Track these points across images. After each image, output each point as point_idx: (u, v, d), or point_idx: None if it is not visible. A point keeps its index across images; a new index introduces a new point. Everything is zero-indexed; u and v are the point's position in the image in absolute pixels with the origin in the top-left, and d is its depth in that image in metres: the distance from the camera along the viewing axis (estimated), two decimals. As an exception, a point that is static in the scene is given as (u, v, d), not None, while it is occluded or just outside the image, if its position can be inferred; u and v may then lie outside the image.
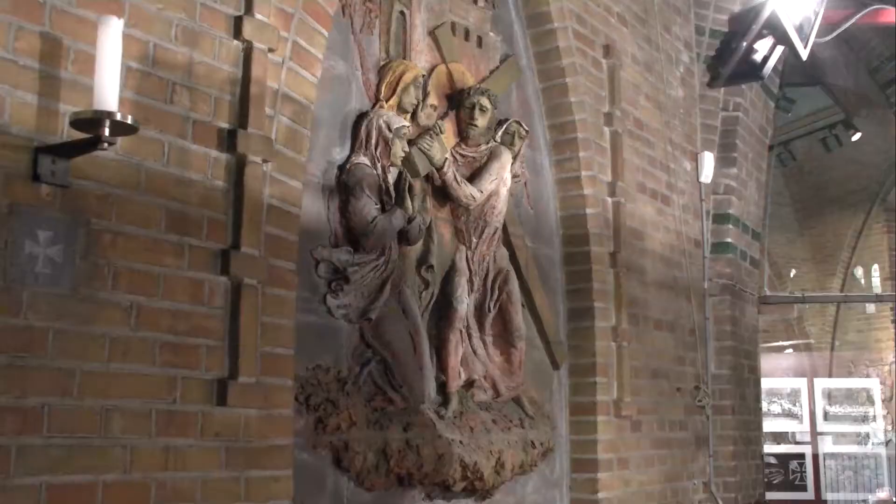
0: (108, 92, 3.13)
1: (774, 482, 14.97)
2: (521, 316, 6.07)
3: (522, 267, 6.22)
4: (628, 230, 7.07)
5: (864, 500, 14.00)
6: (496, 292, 5.95)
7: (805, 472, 15.47)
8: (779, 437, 15.83)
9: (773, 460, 15.13)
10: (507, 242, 6.16)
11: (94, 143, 3.19)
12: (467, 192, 5.71)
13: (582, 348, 6.63)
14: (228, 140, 4.06)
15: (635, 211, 7.28)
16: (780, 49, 7.05)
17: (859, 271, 20.84)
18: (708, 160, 8.41)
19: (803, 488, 15.40)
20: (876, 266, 20.26)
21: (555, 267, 6.69)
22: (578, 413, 6.61)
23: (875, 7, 7.34)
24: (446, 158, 5.62)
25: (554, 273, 6.67)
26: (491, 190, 5.85)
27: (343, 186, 5.04)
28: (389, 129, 5.16)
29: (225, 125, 4.07)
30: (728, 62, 7.23)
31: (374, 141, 5.14)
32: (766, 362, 15.68)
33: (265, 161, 4.18)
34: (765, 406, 14.95)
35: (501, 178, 5.93)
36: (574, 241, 6.72)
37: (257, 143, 4.13)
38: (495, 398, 5.93)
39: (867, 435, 15.97)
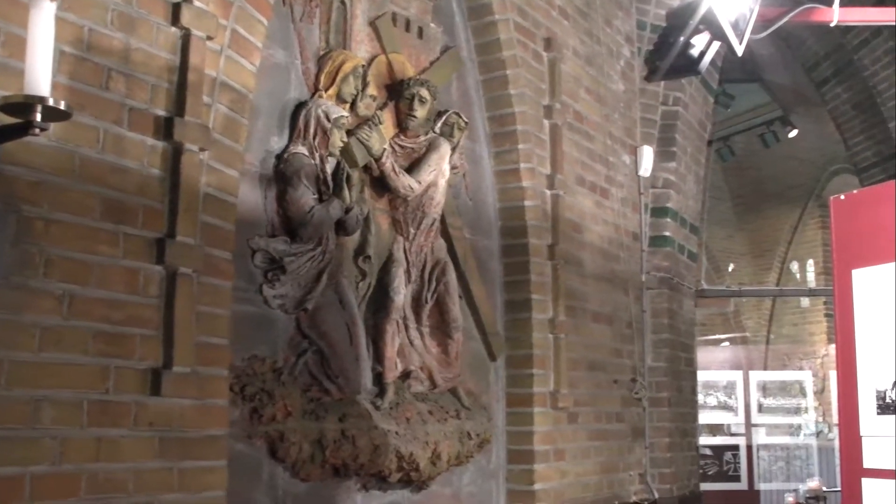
0: (40, 76, 3.07)
1: (709, 473, 15.12)
2: (458, 307, 6.07)
3: (460, 258, 6.22)
4: (567, 223, 7.09)
5: (794, 490, 14.15)
6: (433, 283, 5.95)
7: (739, 463, 15.64)
8: (715, 429, 15.99)
9: (708, 452, 15.27)
10: (446, 233, 6.15)
11: (24, 128, 3.11)
12: (406, 182, 5.69)
13: (519, 340, 6.64)
14: (165, 128, 4.02)
15: (574, 204, 7.30)
16: (716, 44, 7.09)
17: (795, 266, 21.07)
18: (647, 154, 8.46)
19: (737, 479, 15.57)
20: (811, 261, 20.49)
21: (493, 258, 6.69)
22: (515, 404, 6.62)
23: (809, 6, 7.42)
24: (385, 149, 5.60)
25: (492, 264, 6.67)
26: (429, 181, 5.84)
27: (281, 176, 5.02)
28: (328, 119, 5.14)
29: (162, 113, 4.02)
30: (666, 56, 7.26)
31: (312, 131, 5.12)
32: (703, 355, 15.83)
33: (202, 149, 4.14)
34: (701, 398, 15.08)
35: (440, 170, 5.93)
36: (512, 233, 6.73)
37: (194, 132, 4.09)
38: (432, 389, 5.93)
39: (799, 426, 16.19)
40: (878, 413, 3.98)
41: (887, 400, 3.94)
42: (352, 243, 5.49)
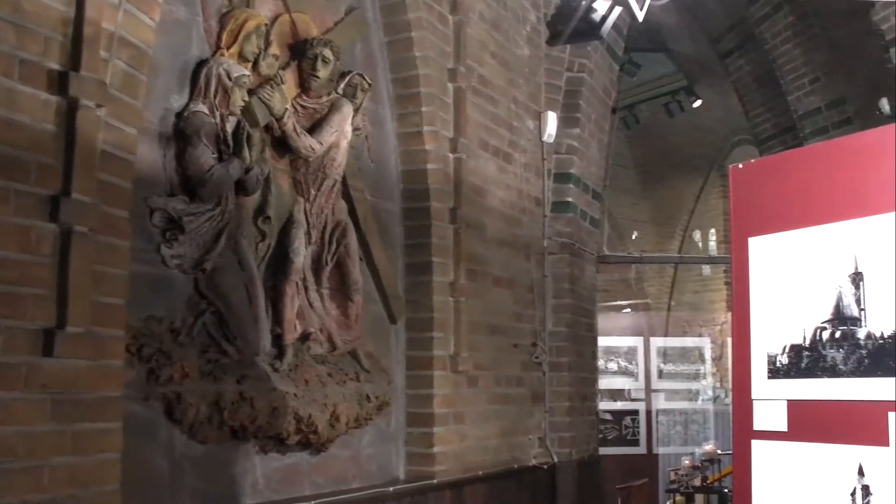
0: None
1: (609, 438, 15.33)
2: (358, 269, 6.06)
3: (361, 220, 6.21)
4: (469, 187, 7.11)
5: (691, 454, 14.41)
6: (334, 245, 5.93)
7: (638, 427, 15.89)
8: (615, 394, 16.19)
9: (608, 416, 15.49)
10: (347, 195, 6.13)
11: None
12: (307, 143, 5.66)
13: (420, 303, 6.66)
14: (60, 82, 3.90)
15: (477, 168, 7.32)
16: (617, 10, 7.15)
17: (697, 235, 21.32)
18: (551, 120, 8.50)
19: (636, 443, 15.82)
20: (713, 230, 20.75)
21: (394, 221, 6.69)
22: (415, 367, 6.65)
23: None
24: (287, 109, 5.56)
25: (393, 227, 6.67)
26: (331, 142, 5.82)
27: (180, 134, 4.94)
28: (229, 78, 5.08)
29: (56, 66, 3.90)
30: (568, 21, 7.30)
31: (213, 89, 5.05)
32: (605, 321, 15.99)
33: (99, 105, 4.04)
34: (602, 364, 15.28)
35: (342, 131, 5.90)
36: (414, 196, 6.73)
37: (91, 87, 3.98)
38: (331, 351, 5.93)
39: (697, 392, 16.47)
40: (769, 377, 4.05)
41: (778, 364, 4.01)
42: (252, 204, 5.43)
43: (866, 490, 3.64)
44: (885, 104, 10.32)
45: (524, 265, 8.06)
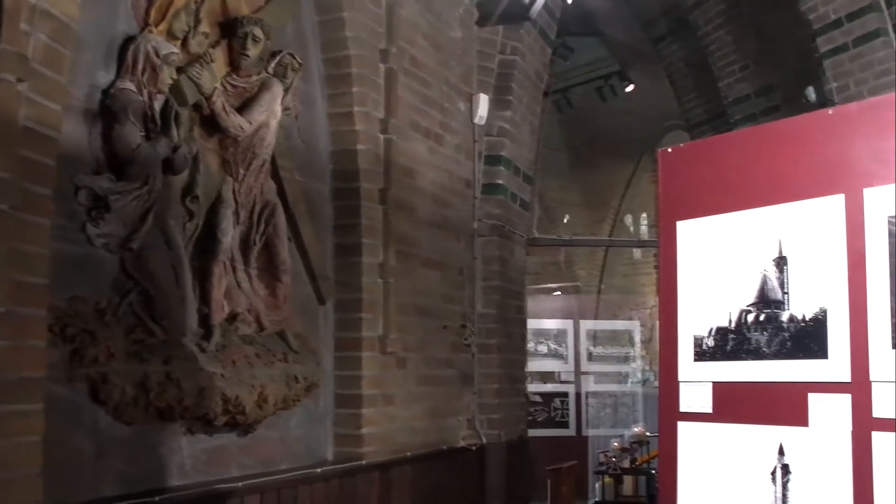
0: None
1: (539, 420, 15.42)
2: (287, 250, 6.02)
3: (290, 201, 6.17)
4: (399, 168, 7.09)
5: (620, 436, 14.54)
6: (262, 225, 5.89)
7: (568, 409, 15.99)
8: (545, 377, 16.28)
9: (537, 398, 15.57)
10: (276, 175, 6.08)
11: None
12: (236, 122, 5.61)
13: (349, 284, 6.63)
14: (-22, 56, 3.84)
15: (407, 149, 7.29)
16: (547, -9, 7.14)
17: (629, 219, 21.46)
18: (483, 102, 8.50)
19: (565, 425, 15.92)
20: (644, 214, 20.89)
21: (324, 202, 6.65)
22: (344, 349, 6.62)
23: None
24: (216, 88, 5.50)
25: (323, 208, 6.63)
26: (260, 121, 5.76)
27: (107, 112, 4.86)
28: (158, 55, 5.01)
29: (-27, 39, 3.84)
30: (498, 2, 7.31)
31: (141, 66, 4.98)
32: (535, 304, 16.08)
33: (20, 80, 3.95)
34: (532, 346, 15.35)
35: (272, 110, 5.85)
36: (344, 177, 6.69)
37: (11, 61, 3.89)
38: (259, 332, 5.89)
39: (627, 375, 16.61)
40: (695, 360, 4.09)
41: (704, 347, 4.04)
42: (180, 183, 5.35)
43: (786, 469, 3.69)
44: (811, 92, 10.47)
45: (454, 247, 8.05)
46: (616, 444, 13.32)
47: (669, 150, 4.44)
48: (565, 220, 21.04)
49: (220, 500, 5.29)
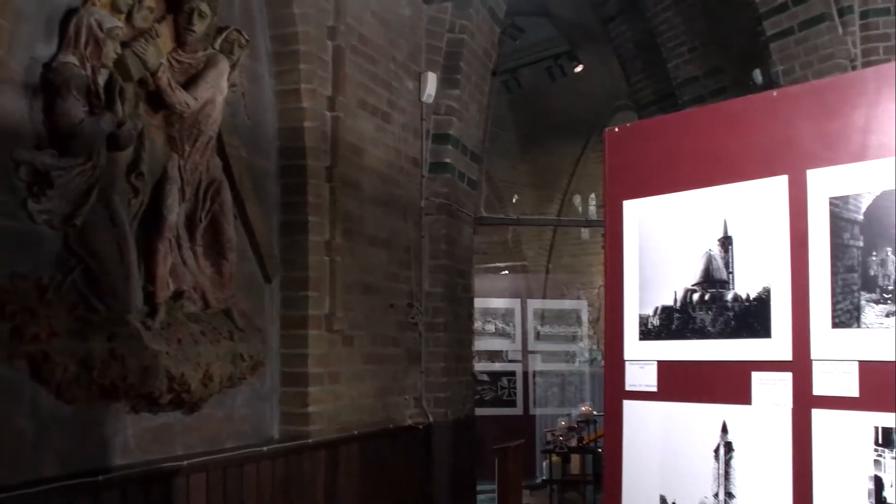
0: None
1: (486, 399, 15.48)
2: (232, 227, 5.98)
3: (236, 178, 6.12)
4: (346, 146, 7.05)
5: (567, 415, 14.64)
6: (208, 203, 5.83)
7: (515, 388, 16.07)
8: (493, 356, 16.34)
9: (485, 378, 15.63)
10: (222, 152, 6.03)
11: None
12: (181, 98, 5.54)
13: (295, 262, 6.60)
14: None
15: (355, 127, 7.26)
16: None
17: (577, 199, 21.55)
18: (431, 80, 8.47)
19: (512, 404, 16.00)
20: (593, 195, 20.98)
21: (270, 179, 6.60)
22: (290, 327, 6.60)
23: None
24: (161, 63, 5.43)
25: (269, 185, 6.58)
26: (206, 98, 5.70)
27: (48, 86, 4.77)
28: (101, 29, 4.93)
29: None
30: (447, -20, 7.29)
31: (83, 40, 4.89)
32: (483, 283, 16.11)
33: (-45, 53, 3.91)
34: (480, 325, 15.40)
35: (218, 87, 5.80)
36: (291, 154, 6.65)
37: (-53, 33, 3.85)
38: (205, 310, 5.84)
39: (574, 354, 16.71)
40: (641, 339, 4.11)
41: (649, 326, 4.07)
42: (124, 159, 5.28)
43: (729, 447, 3.72)
44: (757, 75, 10.53)
45: (401, 225, 8.04)
46: (563, 422, 13.41)
47: (616, 129, 4.45)
48: (514, 200, 21.08)
49: (164, 479, 5.25)
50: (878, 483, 3.26)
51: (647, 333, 4.08)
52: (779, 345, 3.58)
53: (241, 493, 5.85)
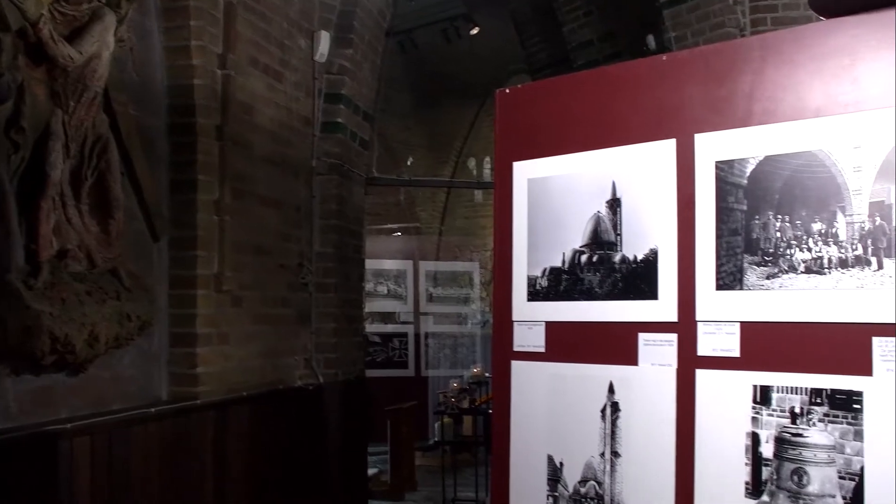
0: None
1: (378, 360, 15.50)
2: (119, 186, 5.83)
3: (124, 135, 5.99)
4: (237, 104, 6.96)
5: (459, 376, 14.72)
6: (94, 160, 5.69)
7: (407, 350, 16.11)
8: (387, 317, 16.36)
9: (376, 339, 15.65)
10: (109, 109, 5.88)
11: None
12: (65, 52, 5.39)
13: (183, 221, 6.50)
14: None
15: (246, 85, 7.16)
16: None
17: (472, 162, 21.61)
18: (324, 39, 8.40)
19: (404, 365, 16.05)
20: (488, 158, 21.05)
21: (159, 137, 6.47)
22: (178, 287, 6.51)
23: None
24: (42, 14, 5.25)
25: (158, 143, 6.46)
26: (92, 52, 5.55)
27: (-81, 36, 4.64)
28: (-25, -23, 4.80)
29: None
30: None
31: (-44, -12, 4.76)
32: (376, 244, 16.10)
33: None
34: (372, 287, 15.39)
35: (104, 41, 5.64)
36: (180, 112, 6.54)
37: None
38: (90, 269, 5.71)
39: (466, 316, 16.80)
40: (529, 300, 4.14)
41: (537, 287, 4.09)
42: (4, 113, 5.10)
43: (615, 407, 3.77)
44: (651, 41, 10.65)
45: (292, 185, 7.97)
46: (455, 384, 13.46)
47: (507, 90, 4.46)
48: (409, 163, 21.07)
49: (48, 443, 5.16)
50: (755, 439, 3.34)
51: (535, 294, 4.11)
52: (665, 306, 3.64)
53: (128, 455, 5.77)
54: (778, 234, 3.34)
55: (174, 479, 6.19)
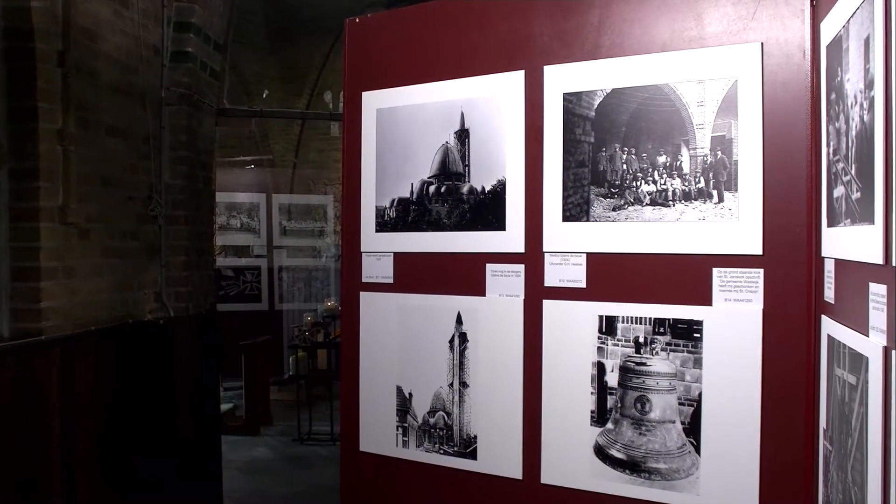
0: None
1: (231, 294, 15.36)
2: (-46, 113, 5.66)
3: (-42, 60, 5.78)
4: (80, 30, 6.72)
5: (314, 310, 14.70)
6: (-76, 85, 5.50)
7: (260, 283, 15.99)
8: (241, 251, 16.21)
9: (229, 273, 15.50)
10: (-59, 33, 5.67)
11: None
12: None
13: (24, 151, 6.28)
14: None
15: (89, 10, 6.92)
16: None
17: (328, 95, 21.41)
18: (172, -34, 8.20)
19: (257, 299, 15.94)
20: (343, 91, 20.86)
21: (-4, 63, 6.25)
22: (20, 219, 6.30)
23: None
24: None
25: (-5, 70, 6.24)
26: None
27: None
28: None
29: None
30: None
31: None
32: (229, 177, 15.89)
33: None
34: (225, 220, 15.20)
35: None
36: (17, 36, 6.27)
37: None
38: (-76, 201, 5.53)
39: (320, 249, 16.73)
40: (377, 231, 4.12)
41: (386, 218, 4.07)
42: None
43: (463, 337, 3.80)
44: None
45: (140, 115, 7.77)
46: (309, 318, 13.44)
47: (356, 19, 4.41)
48: (264, 95, 20.79)
49: None
50: (601, 368, 3.39)
51: (383, 225, 4.10)
52: (512, 237, 3.66)
53: (-32, 392, 5.62)
54: (624, 167, 3.38)
55: (18, 418, 6.04)
